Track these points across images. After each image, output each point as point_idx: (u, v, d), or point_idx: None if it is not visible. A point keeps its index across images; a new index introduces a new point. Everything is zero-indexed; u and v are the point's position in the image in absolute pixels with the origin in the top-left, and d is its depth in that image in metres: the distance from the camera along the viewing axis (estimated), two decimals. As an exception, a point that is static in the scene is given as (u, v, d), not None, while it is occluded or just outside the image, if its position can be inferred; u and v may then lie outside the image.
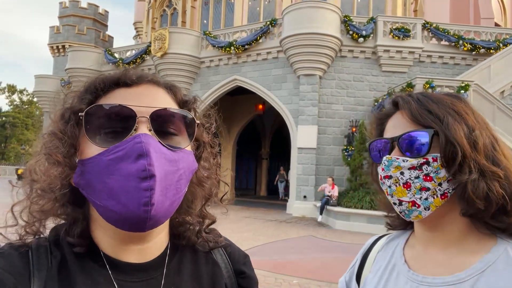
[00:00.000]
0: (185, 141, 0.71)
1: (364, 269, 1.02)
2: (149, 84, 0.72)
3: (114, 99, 0.68)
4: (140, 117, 0.65)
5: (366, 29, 14.39)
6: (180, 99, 0.77)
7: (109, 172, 0.61)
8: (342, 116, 14.45)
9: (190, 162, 0.71)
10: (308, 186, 13.94)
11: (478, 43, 14.65)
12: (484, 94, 12.41)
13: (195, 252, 0.81)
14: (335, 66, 14.61)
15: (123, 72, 0.72)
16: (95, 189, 0.63)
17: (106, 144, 0.63)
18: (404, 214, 0.84)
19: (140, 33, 31.04)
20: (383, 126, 0.94)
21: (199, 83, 17.40)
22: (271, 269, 6.40)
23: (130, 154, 0.61)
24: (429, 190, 0.80)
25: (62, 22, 33.97)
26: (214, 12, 20.86)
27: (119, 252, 0.69)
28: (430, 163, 0.80)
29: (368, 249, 1.05)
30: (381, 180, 0.86)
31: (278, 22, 15.41)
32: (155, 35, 17.21)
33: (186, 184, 0.70)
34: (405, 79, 13.79)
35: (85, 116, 0.65)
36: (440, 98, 0.86)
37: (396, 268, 0.92)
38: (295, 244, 8.96)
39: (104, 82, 0.70)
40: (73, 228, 0.69)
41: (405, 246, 0.97)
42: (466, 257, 0.80)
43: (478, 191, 0.76)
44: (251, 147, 24.42)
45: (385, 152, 0.87)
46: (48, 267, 0.64)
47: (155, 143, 0.63)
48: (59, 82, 25.36)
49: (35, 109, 53.87)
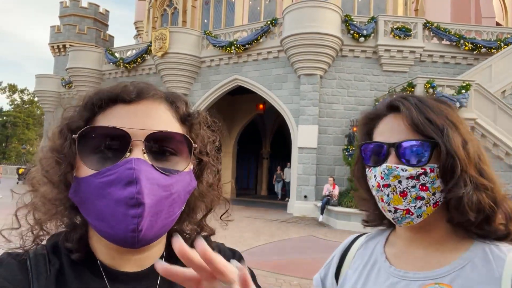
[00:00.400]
0: (184, 161, 0.69)
1: (343, 266, 1.03)
2: (149, 100, 0.70)
3: (111, 117, 0.67)
4: (135, 140, 0.64)
5: (367, 28, 14.36)
6: (182, 113, 0.74)
7: (100, 195, 0.61)
8: (342, 116, 14.43)
9: (186, 184, 0.69)
10: (309, 186, 13.93)
11: (479, 42, 14.61)
12: (486, 94, 12.39)
13: None
14: (335, 65, 14.59)
15: (123, 88, 0.69)
16: (87, 208, 0.63)
17: (98, 166, 0.63)
18: (396, 221, 0.86)
19: (140, 32, 31.03)
20: (372, 126, 0.95)
21: (200, 83, 17.39)
22: (272, 269, 6.39)
23: (120, 180, 0.60)
24: (423, 199, 0.82)
25: (62, 21, 34.01)
26: (214, 11, 20.86)
27: (115, 261, 0.69)
28: (428, 173, 0.82)
29: (347, 247, 1.07)
30: (378, 187, 0.86)
31: (279, 21, 15.39)
32: (156, 35, 17.21)
33: (181, 205, 0.70)
34: (406, 79, 13.76)
35: (78, 137, 0.65)
36: (436, 106, 0.86)
37: (377, 264, 0.95)
38: (295, 244, 8.95)
39: (102, 99, 0.68)
40: (72, 234, 0.69)
41: (385, 244, 0.99)
42: (446, 255, 0.85)
43: (472, 203, 0.79)
44: (252, 146, 24.41)
45: (381, 156, 0.87)
46: (46, 275, 0.64)
47: (147, 169, 0.62)
48: (60, 82, 25.40)
49: (36, 108, 53.90)
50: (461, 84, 11.73)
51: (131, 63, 19.19)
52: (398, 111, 0.88)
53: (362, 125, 0.99)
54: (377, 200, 0.89)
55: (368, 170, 0.91)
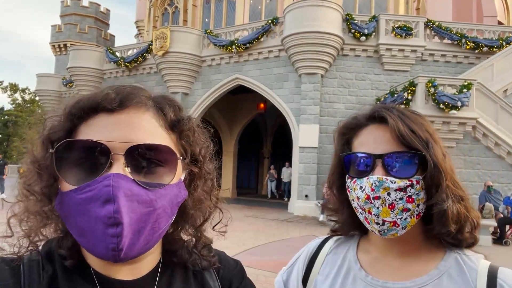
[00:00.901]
0: (169, 173, 0.66)
1: (312, 271, 1.02)
2: (132, 108, 0.66)
3: (92, 128, 0.64)
4: (115, 154, 0.61)
5: (368, 27, 14.33)
6: (170, 119, 0.70)
7: (79, 211, 0.59)
8: (344, 115, 14.36)
9: (174, 196, 0.66)
10: (310, 185, 13.91)
11: (481, 41, 14.57)
12: (487, 93, 12.36)
13: (186, 270, 0.78)
14: (337, 64, 14.56)
15: (104, 96, 0.65)
16: (70, 223, 0.62)
17: (78, 181, 0.60)
18: (382, 233, 0.85)
19: (141, 31, 31.03)
20: (351, 136, 0.94)
21: (201, 82, 17.37)
22: (273, 269, 6.38)
23: (98, 197, 0.57)
24: (409, 211, 0.83)
25: (63, 20, 34.02)
26: (215, 10, 20.83)
27: (108, 269, 0.67)
28: (414, 185, 0.83)
29: (315, 251, 1.05)
30: (367, 200, 0.85)
31: (280, 20, 15.37)
32: (157, 34, 17.19)
33: (169, 219, 0.67)
34: (407, 78, 13.73)
35: (55, 152, 0.62)
36: (415, 118, 0.88)
37: (351, 272, 0.95)
38: (296, 243, 8.93)
39: (82, 109, 0.65)
40: (65, 241, 0.68)
41: (357, 251, 0.99)
42: (422, 265, 0.87)
43: (453, 215, 0.82)
44: (253, 146, 24.40)
45: (367, 168, 0.86)
46: (39, 282, 0.63)
47: (127, 185, 0.59)
48: (61, 81, 25.40)
49: (37, 107, 53.94)
50: (462, 83, 11.70)
51: (132, 62, 19.17)
52: (380, 122, 0.88)
53: (340, 135, 0.98)
54: (359, 211, 0.88)
55: (351, 181, 0.89)
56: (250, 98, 18.85)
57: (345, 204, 0.96)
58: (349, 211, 0.96)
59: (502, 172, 12.36)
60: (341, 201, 0.98)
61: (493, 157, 12.36)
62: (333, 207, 1.04)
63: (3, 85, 54.17)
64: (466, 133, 12.06)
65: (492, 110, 12.42)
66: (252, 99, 18.76)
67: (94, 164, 0.61)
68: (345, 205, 0.97)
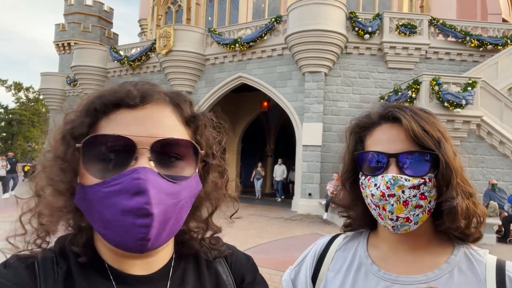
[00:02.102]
0: (190, 166, 0.69)
1: (321, 268, 1.04)
2: (153, 104, 0.68)
3: (115, 124, 0.65)
4: (140, 148, 0.63)
5: (372, 25, 14.27)
6: (187, 116, 0.73)
7: (106, 205, 0.60)
8: (347, 114, 14.36)
9: (193, 188, 0.69)
10: (313, 183, 13.90)
11: (486, 39, 14.48)
12: (492, 91, 12.29)
13: (198, 262, 0.80)
14: (340, 63, 14.52)
15: (126, 92, 0.67)
16: (93, 217, 0.63)
17: (104, 175, 0.62)
18: (395, 228, 0.88)
19: (145, 30, 31.05)
20: (364, 134, 0.97)
21: (204, 81, 17.38)
22: (276, 267, 6.38)
23: (127, 190, 0.59)
24: (421, 208, 0.86)
25: (67, 19, 34.11)
26: (218, 9, 20.82)
27: (123, 264, 0.68)
28: (427, 183, 0.86)
29: (324, 249, 1.07)
30: (382, 197, 0.87)
31: (283, 19, 15.33)
32: (160, 33, 17.20)
33: (188, 209, 0.70)
34: (411, 76, 13.67)
35: (82, 146, 0.63)
36: (427, 118, 0.91)
37: (362, 267, 0.97)
38: (300, 242, 8.93)
39: (104, 104, 0.67)
40: (78, 238, 0.69)
41: (367, 246, 1.01)
42: (433, 259, 0.91)
43: (463, 211, 0.86)
44: (256, 144, 24.38)
45: (380, 166, 0.89)
46: (54, 278, 0.64)
47: (155, 178, 0.61)
48: (65, 80, 25.48)
49: (41, 106, 54.16)
50: (467, 81, 11.63)
51: (135, 61, 19.20)
52: (394, 121, 0.91)
53: (353, 133, 1.02)
54: (372, 208, 0.91)
55: (366, 178, 0.92)
56: (254, 97, 18.84)
57: (358, 200, 0.99)
58: (362, 207, 0.99)
59: (507, 170, 12.29)
60: (354, 197, 1.01)
61: (497, 155, 12.29)
62: (346, 203, 1.07)
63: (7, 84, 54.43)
64: (470, 132, 12.00)
65: (496, 108, 12.35)
66: (256, 97, 18.75)
67: (119, 158, 0.63)
68: (358, 201, 1.00)
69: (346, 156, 1.03)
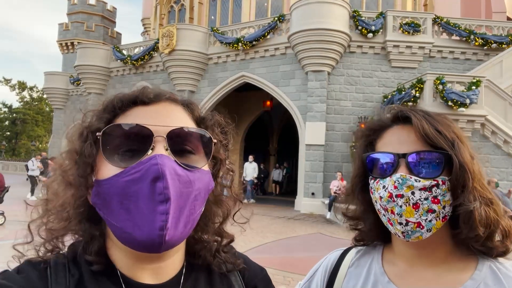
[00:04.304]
0: (202, 160, 0.70)
1: (334, 286, 0.98)
2: (166, 102, 0.72)
3: (132, 118, 0.68)
4: (157, 136, 0.65)
5: (375, 24, 14.22)
6: (197, 116, 0.76)
7: (126, 194, 0.61)
8: (350, 113, 14.33)
9: (206, 182, 0.70)
10: (316, 183, 13.87)
11: (490, 37, 14.40)
12: (496, 90, 12.22)
13: (210, 273, 0.79)
14: (343, 62, 14.48)
15: (141, 91, 0.72)
16: (111, 210, 0.63)
17: (123, 164, 0.63)
18: (405, 235, 0.82)
19: (148, 29, 31.07)
20: (374, 137, 0.93)
21: (207, 80, 17.38)
22: (279, 267, 6.37)
23: (147, 176, 0.60)
24: (434, 213, 0.80)
25: (70, 19, 34.19)
26: (221, 8, 20.81)
27: (135, 272, 0.68)
28: (440, 185, 0.80)
29: (336, 264, 1.02)
30: (389, 198, 0.82)
31: (286, 17, 15.31)
32: (163, 32, 17.21)
33: (202, 204, 0.70)
34: (415, 75, 13.61)
35: (102, 135, 0.65)
36: (441, 119, 0.86)
37: (378, 285, 0.90)
38: (303, 241, 8.93)
39: (122, 101, 0.70)
40: (90, 246, 0.69)
41: (383, 262, 0.95)
42: (455, 275, 0.83)
43: (481, 217, 0.79)
44: (259, 143, 24.36)
45: (390, 167, 0.84)
46: (66, 285, 0.64)
47: (171, 164, 0.63)
48: (68, 79, 25.57)
49: (45, 105, 54.35)
50: (471, 80, 11.56)
51: (138, 60, 19.24)
52: (405, 123, 0.87)
53: (364, 137, 0.96)
54: (382, 213, 0.86)
55: (374, 181, 0.87)
56: (256, 96, 18.83)
57: (369, 210, 0.94)
58: (373, 217, 0.93)
59: (511, 170, 12.22)
60: (365, 206, 0.95)
61: (502, 154, 12.22)
62: (356, 214, 1.00)
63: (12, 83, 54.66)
64: (474, 131, 11.94)
65: (501, 107, 12.28)
66: (259, 96, 18.74)
67: (137, 146, 0.64)
68: (369, 210, 0.94)
69: (356, 160, 0.97)
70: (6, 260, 0.69)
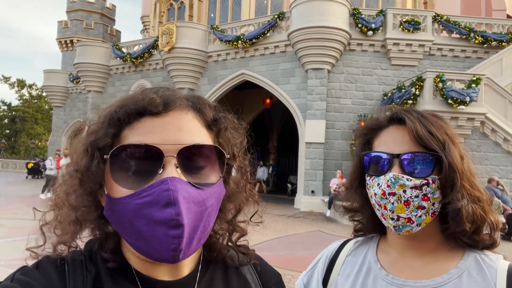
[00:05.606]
0: (215, 173, 0.69)
1: (332, 273, 1.06)
2: (176, 110, 0.68)
3: (140, 132, 0.65)
4: (168, 156, 0.62)
5: (376, 22, 14.19)
6: (209, 119, 0.72)
7: (138, 216, 0.60)
8: (350, 111, 14.32)
9: (218, 194, 0.69)
10: (316, 181, 13.88)
11: (490, 35, 14.39)
12: (496, 88, 12.21)
13: (226, 268, 0.80)
14: (343, 59, 14.46)
15: (149, 100, 0.66)
16: (124, 228, 0.63)
17: (133, 186, 0.62)
18: (397, 229, 0.89)
19: (147, 27, 31.02)
20: (372, 136, 0.99)
21: (207, 78, 17.36)
22: (279, 265, 6.37)
23: (158, 201, 0.59)
24: (424, 209, 0.87)
25: (70, 16, 34.13)
26: (221, 5, 20.77)
27: (150, 270, 0.69)
28: (430, 184, 0.87)
29: (335, 254, 1.09)
30: (383, 195, 0.89)
31: (286, 15, 15.28)
32: (163, 30, 17.17)
33: (215, 215, 0.69)
34: (415, 73, 13.61)
35: (110, 157, 0.63)
36: (435, 121, 0.92)
37: (371, 272, 0.98)
38: (303, 239, 8.93)
39: (128, 113, 0.66)
40: (106, 244, 0.70)
41: (377, 251, 1.03)
42: (441, 264, 0.90)
43: (468, 214, 0.85)
44: (259, 141, 24.29)
45: (384, 166, 0.91)
46: (83, 282, 0.65)
47: (183, 187, 0.61)
48: (68, 77, 25.54)
49: (44, 103, 54.29)
50: (471, 78, 11.55)
51: (138, 58, 19.20)
52: (400, 123, 0.93)
53: (362, 135, 1.03)
54: (376, 208, 0.93)
55: (370, 179, 0.94)
56: (256, 94, 18.81)
57: (366, 204, 1.00)
58: (370, 210, 0.99)
59: (511, 167, 12.23)
60: (362, 200, 1.02)
61: (501, 152, 12.23)
62: (355, 207, 1.08)
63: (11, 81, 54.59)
64: (474, 129, 11.94)
65: (501, 105, 12.28)
66: (258, 94, 18.73)
67: (147, 167, 0.62)
68: (366, 204, 1.01)
69: (355, 158, 1.04)
70: (5, 257, 0.69)
